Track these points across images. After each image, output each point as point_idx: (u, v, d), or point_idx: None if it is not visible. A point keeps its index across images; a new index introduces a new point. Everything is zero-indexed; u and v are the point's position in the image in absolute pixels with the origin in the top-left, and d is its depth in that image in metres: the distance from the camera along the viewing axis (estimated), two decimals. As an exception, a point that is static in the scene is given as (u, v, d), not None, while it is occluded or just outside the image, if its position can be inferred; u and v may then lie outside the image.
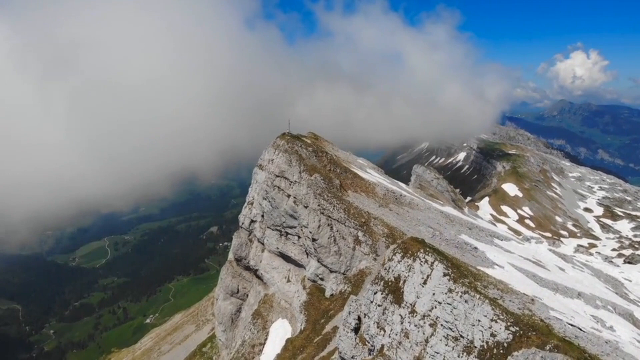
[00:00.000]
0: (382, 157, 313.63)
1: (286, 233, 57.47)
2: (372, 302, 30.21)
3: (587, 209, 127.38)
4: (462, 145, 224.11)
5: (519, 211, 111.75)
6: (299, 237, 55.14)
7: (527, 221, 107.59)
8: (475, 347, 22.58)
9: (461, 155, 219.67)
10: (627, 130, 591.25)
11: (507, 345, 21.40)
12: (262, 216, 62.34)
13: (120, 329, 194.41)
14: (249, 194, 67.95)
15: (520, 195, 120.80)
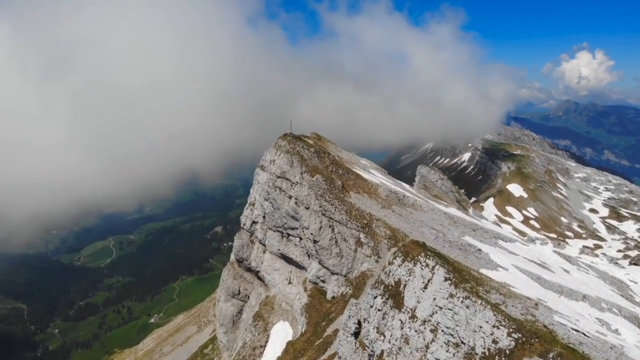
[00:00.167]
0: (386, 158, 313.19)
1: (287, 234, 57.04)
2: (372, 306, 29.76)
3: (593, 210, 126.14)
4: (467, 146, 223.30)
5: (524, 212, 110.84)
6: (300, 239, 54.70)
7: (532, 222, 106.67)
8: (477, 354, 22.10)
9: (466, 156, 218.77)
10: (633, 130, 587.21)
11: (510, 352, 20.91)
12: (263, 217, 61.92)
13: (124, 328, 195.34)
14: (250, 195, 67.54)
15: (525, 196, 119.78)
